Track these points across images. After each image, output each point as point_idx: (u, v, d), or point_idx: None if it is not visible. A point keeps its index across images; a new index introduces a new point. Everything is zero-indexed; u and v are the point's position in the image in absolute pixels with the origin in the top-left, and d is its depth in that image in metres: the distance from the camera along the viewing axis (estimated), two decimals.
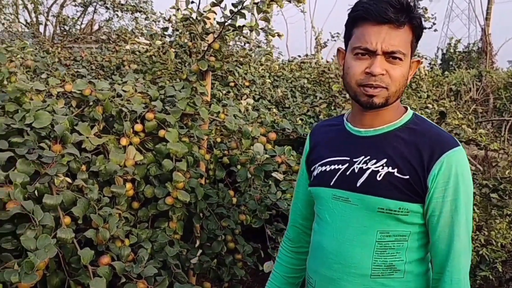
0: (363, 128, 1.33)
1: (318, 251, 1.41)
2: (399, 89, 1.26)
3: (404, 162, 1.25)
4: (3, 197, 1.63)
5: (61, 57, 4.39)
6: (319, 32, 9.19)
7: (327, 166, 1.38)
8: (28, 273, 1.45)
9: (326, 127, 1.49)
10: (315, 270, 1.42)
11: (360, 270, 1.30)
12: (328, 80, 4.66)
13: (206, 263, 2.31)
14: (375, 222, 1.28)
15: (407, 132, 1.30)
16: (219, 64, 2.56)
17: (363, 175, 1.29)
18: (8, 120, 1.94)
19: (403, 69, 1.24)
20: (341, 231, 1.34)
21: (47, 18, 9.77)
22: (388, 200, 1.25)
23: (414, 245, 1.30)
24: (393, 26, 1.21)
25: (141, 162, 2.17)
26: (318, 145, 1.47)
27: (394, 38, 1.21)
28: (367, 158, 1.30)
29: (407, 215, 1.26)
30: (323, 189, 1.38)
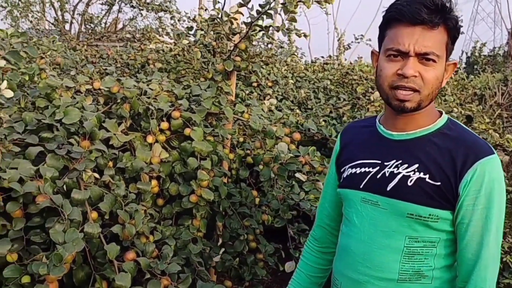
0: (395, 132, 1.31)
1: (345, 254, 1.41)
2: (432, 92, 1.23)
3: (437, 168, 1.23)
4: (33, 190, 1.66)
5: (88, 55, 4.46)
6: (342, 34, 9.16)
7: (357, 168, 1.36)
8: (56, 265, 1.48)
9: (358, 128, 1.47)
10: (342, 272, 1.41)
11: (387, 274, 1.29)
12: (352, 82, 4.63)
13: (228, 261, 2.32)
14: (404, 227, 1.26)
15: (441, 137, 1.27)
16: (245, 64, 2.57)
17: (393, 179, 1.27)
18: (39, 116, 1.98)
19: (437, 72, 1.21)
20: (369, 234, 1.32)
21: (73, 16, 9.93)
22: (418, 206, 1.23)
23: (443, 252, 1.28)
24: (427, 27, 1.18)
25: (166, 160, 2.20)
26: (349, 146, 1.45)
27: (428, 40, 1.19)
28: (399, 163, 1.28)
29: (437, 221, 1.23)
30: (352, 192, 1.37)
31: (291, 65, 4.99)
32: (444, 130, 1.28)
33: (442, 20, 1.19)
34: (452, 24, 1.21)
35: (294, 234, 2.32)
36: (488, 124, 3.61)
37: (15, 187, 1.63)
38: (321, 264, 1.60)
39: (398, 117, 1.29)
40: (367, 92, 4.01)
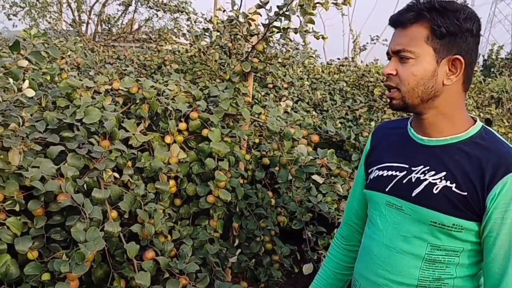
0: (425, 136, 1.29)
1: (366, 255, 1.41)
2: (412, 88, 1.23)
3: (464, 178, 1.20)
4: (55, 189, 1.68)
5: (106, 56, 4.50)
6: (358, 35, 9.12)
7: (384, 170, 1.35)
8: (78, 263, 1.49)
9: (389, 129, 1.45)
10: (361, 273, 1.41)
11: (406, 279, 1.28)
12: (368, 84, 4.61)
13: (244, 262, 2.33)
14: (426, 234, 1.25)
15: (472, 146, 1.23)
16: (262, 65, 2.57)
17: (419, 185, 1.25)
18: (60, 115, 2.01)
19: (414, 68, 1.21)
20: (391, 238, 1.32)
21: (89, 16, 10.01)
22: (442, 214, 1.21)
23: (466, 262, 1.25)
24: (402, 26, 1.23)
25: (184, 160, 2.21)
26: (378, 147, 1.44)
27: (401, 37, 1.23)
28: (426, 169, 1.26)
29: (461, 232, 1.21)
30: (377, 194, 1.36)
31: (308, 67, 4.98)
32: (477, 139, 1.25)
33: (414, 16, 1.21)
34: (432, 17, 1.20)
35: (312, 236, 2.31)
36: (506, 128, 3.57)
37: (37, 186, 1.65)
38: (346, 261, 1.60)
39: (419, 120, 1.29)
40: (384, 94, 3.99)
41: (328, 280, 1.61)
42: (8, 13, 10.71)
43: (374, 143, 1.48)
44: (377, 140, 1.47)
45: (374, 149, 1.46)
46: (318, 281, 1.64)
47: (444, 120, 1.26)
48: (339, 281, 1.62)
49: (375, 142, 1.48)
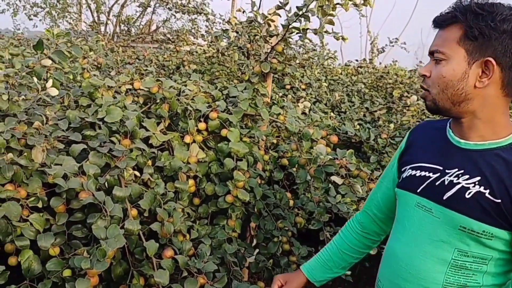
0: (463, 139, 1.26)
1: (390, 257, 1.39)
2: (441, 91, 1.21)
3: (499, 185, 1.16)
4: (77, 187, 1.71)
5: (125, 56, 4.55)
6: (375, 37, 9.07)
7: (417, 170, 1.33)
8: (100, 260, 1.51)
9: (428, 129, 1.43)
10: (385, 275, 1.40)
11: (430, 284, 1.26)
12: (386, 86, 4.59)
13: (261, 262, 2.33)
14: (454, 239, 1.22)
15: (511, 153, 1.19)
16: (281, 66, 2.58)
17: (452, 188, 1.23)
18: (82, 114, 2.04)
19: (444, 69, 1.20)
20: (417, 241, 1.30)
21: (108, 17, 10.12)
22: (472, 220, 1.18)
23: (494, 271, 1.22)
24: (439, 28, 1.24)
25: (203, 160, 2.22)
26: (414, 145, 1.42)
27: (437, 39, 1.23)
28: (460, 172, 1.23)
29: (491, 239, 1.18)
30: (408, 194, 1.34)
31: (327, 68, 4.97)
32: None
33: (449, 18, 1.20)
34: (465, 19, 1.18)
35: (329, 236, 2.30)
36: None
37: (60, 183, 1.68)
38: (356, 245, 1.61)
39: (456, 122, 1.28)
40: (403, 96, 3.96)
41: (332, 257, 1.62)
42: (29, 14, 10.89)
43: (410, 141, 1.46)
44: (414, 139, 1.45)
45: (410, 148, 1.44)
46: (323, 254, 1.65)
47: (483, 125, 1.23)
48: (343, 261, 1.62)
49: (411, 140, 1.45)
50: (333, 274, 1.66)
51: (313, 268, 1.66)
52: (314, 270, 1.66)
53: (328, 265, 1.64)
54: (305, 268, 1.68)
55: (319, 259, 1.66)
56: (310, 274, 1.66)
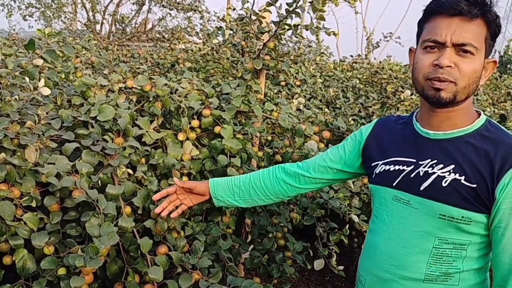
0: (432, 130, 1.29)
1: (372, 251, 1.41)
2: (468, 85, 1.20)
3: (473, 170, 1.20)
4: (70, 185, 1.71)
5: (120, 54, 4.55)
6: (371, 32, 9.09)
7: (391, 165, 1.36)
8: (93, 257, 1.52)
9: (392, 124, 1.46)
10: (367, 269, 1.42)
11: (413, 274, 1.28)
12: (381, 81, 4.60)
13: (256, 258, 2.34)
14: (434, 228, 1.25)
15: (478, 138, 1.24)
16: (274, 63, 2.59)
17: (428, 179, 1.26)
18: (75, 113, 2.04)
19: (474, 65, 1.19)
20: (397, 233, 1.32)
21: (104, 16, 10.11)
22: (451, 207, 1.21)
23: (473, 255, 1.26)
24: (465, 18, 1.17)
25: (196, 157, 2.23)
26: (381, 141, 1.44)
27: (466, 31, 1.17)
28: (434, 162, 1.26)
29: (469, 224, 1.21)
30: (384, 189, 1.37)
31: (320, 64, 4.98)
32: (482, 131, 1.25)
33: (480, 12, 1.17)
34: (491, 18, 1.19)
35: (323, 232, 2.32)
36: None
37: (53, 182, 1.69)
38: (267, 187, 1.68)
39: (433, 114, 1.28)
40: (397, 91, 3.97)
41: (241, 185, 1.70)
42: (24, 14, 10.88)
43: (374, 136, 1.47)
44: (380, 134, 1.46)
45: (375, 142, 1.46)
46: (236, 179, 1.73)
47: (459, 115, 1.26)
48: (248, 194, 1.69)
49: (376, 135, 1.47)
50: (233, 201, 1.72)
51: (219, 185, 1.72)
52: (219, 187, 1.72)
53: (233, 190, 1.70)
54: (213, 181, 1.74)
55: (229, 181, 1.73)
56: (213, 188, 1.72)
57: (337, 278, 3.84)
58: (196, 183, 1.76)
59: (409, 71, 5.15)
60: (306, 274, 3.92)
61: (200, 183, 1.77)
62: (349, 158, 1.54)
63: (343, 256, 3.82)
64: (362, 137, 1.51)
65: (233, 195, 1.71)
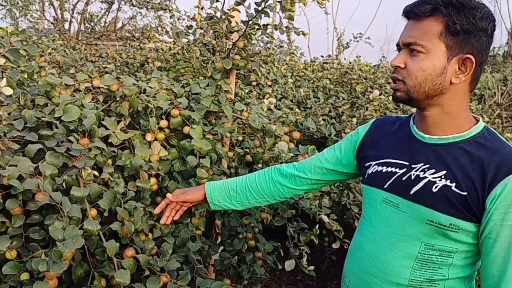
0: (427, 134, 1.28)
1: (357, 252, 1.40)
2: (419, 83, 1.21)
3: (465, 178, 1.18)
4: (33, 188, 1.66)
5: (87, 54, 4.46)
6: (342, 33, 9.17)
7: (384, 166, 1.34)
8: (56, 262, 1.48)
9: (390, 125, 1.44)
10: (351, 270, 1.40)
11: (397, 279, 1.27)
12: (351, 81, 4.64)
13: (226, 259, 2.33)
14: (421, 233, 1.24)
15: (474, 146, 1.21)
16: (244, 62, 2.57)
17: (418, 183, 1.24)
18: (38, 113, 1.98)
19: (423, 63, 1.19)
20: (384, 236, 1.31)
21: (72, 15, 9.92)
22: (439, 213, 1.19)
23: (459, 263, 1.24)
24: (416, 18, 1.20)
25: (165, 158, 2.20)
26: (377, 141, 1.43)
27: (413, 30, 1.20)
28: (426, 167, 1.25)
29: (457, 232, 1.19)
30: (375, 190, 1.35)
31: (290, 64, 4.99)
32: (479, 138, 1.23)
33: (429, 10, 1.17)
34: (445, 13, 1.17)
35: (293, 232, 2.32)
36: (488, 124, 3.61)
37: (15, 184, 1.63)
38: (263, 190, 1.65)
39: (423, 116, 1.28)
40: (366, 91, 4.01)
41: (237, 188, 1.67)
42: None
43: (370, 136, 1.46)
44: (376, 134, 1.45)
45: (371, 143, 1.44)
46: (231, 182, 1.68)
47: (448, 119, 1.24)
48: (245, 198, 1.66)
49: (372, 136, 1.46)
50: (230, 205, 1.69)
51: (216, 189, 1.69)
52: (216, 191, 1.68)
53: (230, 194, 1.67)
54: (209, 185, 1.70)
55: (225, 184, 1.69)
56: (210, 193, 1.68)
57: (309, 277, 3.85)
58: (189, 193, 1.71)
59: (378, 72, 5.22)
60: (278, 274, 3.92)
61: (193, 190, 1.72)
62: (345, 158, 1.53)
63: (314, 255, 3.84)
64: (358, 137, 1.50)
65: (230, 199, 1.67)
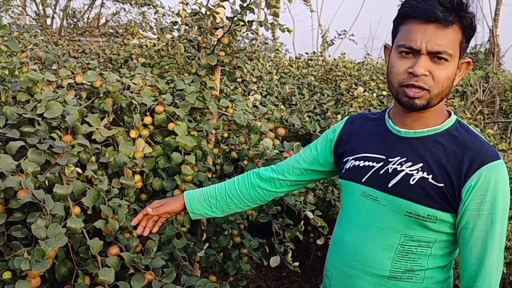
0: (403, 128, 1.30)
1: (338, 246, 1.41)
2: (442, 91, 1.21)
3: (440, 170, 1.21)
4: (15, 185, 1.64)
5: (70, 50, 4.41)
6: (326, 30, 9.19)
7: (361, 161, 1.36)
8: (39, 260, 1.46)
9: (365, 121, 1.45)
10: (333, 264, 1.42)
11: (378, 270, 1.29)
12: (335, 78, 4.66)
13: (212, 256, 2.32)
14: (400, 225, 1.26)
15: (447, 138, 1.25)
16: (229, 59, 2.56)
17: (396, 176, 1.26)
18: (20, 110, 1.95)
19: (448, 71, 1.19)
20: (364, 229, 1.33)
21: (54, 11, 9.78)
22: (417, 205, 1.22)
23: (438, 253, 1.28)
24: (441, 25, 1.16)
25: (150, 155, 2.18)
26: (353, 136, 1.44)
27: (441, 38, 1.16)
28: (403, 160, 1.27)
29: (435, 222, 1.23)
30: (353, 184, 1.37)
31: (275, 61, 4.99)
32: (452, 131, 1.26)
33: (456, 18, 1.17)
34: (467, 23, 1.18)
35: (278, 229, 2.32)
36: (469, 120, 3.66)
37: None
38: (244, 195, 1.63)
39: (406, 114, 1.29)
40: (350, 88, 4.04)
41: (217, 196, 1.65)
42: None
43: (346, 132, 1.47)
44: (352, 130, 1.46)
45: (347, 139, 1.45)
46: (210, 190, 1.66)
47: (432, 114, 1.27)
48: (225, 204, 1.64)
49: (348, 132, 1.47)
50: (210, 212, 1.66)
51: (195, 198, 1.66)
52: (195, 200, 1.65)
53: (210, 201, 1.64)
54: (188, 195, 1.67)
55: (204, 192, 1.66)
56: (189, 202, 1.65)
57: (294, 273, 3.86)
58: (169, 205, 1.67)
59: (362, 69, 5.24)
60: (263, 270, 3.93)
61: (172, 201, 1.68)
62: (321, 157, 1.53)
63: (299, 251, 3.86)
64: (334, 134, 1.51)
65: (210, 206, 1.65)
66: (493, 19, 12.61)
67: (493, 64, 11.43)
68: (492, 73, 8.06)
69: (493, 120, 6.84)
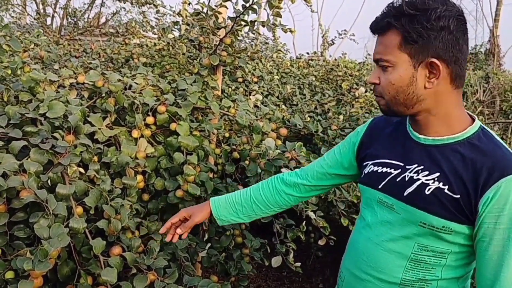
0: (422, 135, 1.27)
1: (352, 249, 1.41)
2: (393, 96, 1.22)
3: (457, 180, 1.17)
4: (17, 185, 1.64)
5: (71, 49, 4.40)
6: (326, 30, 9.19)
7: (379, 167, 1.34)
8: (41, 260, 1.46)
9: (388, 124, 1.43)
10: (347, 266, 1.42)
11: (389, 277, 1.28)
12: (336, 78, 4.65)
13: (214, 256, 2.32)
14: (414, 234, 1.24)
15: (468, 147, 1.20)
16: (231, 59, 2.56)
17: (412, 185, 1.24)
18: (22, 110, 1.95)
19: (391, 76, 1.20)
20: (378, 235, 1.32)
21: (55, 10, 9.77)
22: (432, 216, 1.19)
23: (453, 264, 1.25)
24: (379, 34, 1.22)
25: (152, 155, 2.18)
26: (375, 141, 1.43)
27: (378, 46, 1.22)
28: (420, 168, 1.24)
29: (450, 234, 1.19)
30: (370, 190, 1.36)
31: (277, 61, 4.99)
32: (474, 140, 1.21)
33: (387, 23, 1.18)
34: (401, 24, 1.16)
35: (280, 229, 2.32)
36: None
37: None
38: (269, 200, 1.63)
39: (414, 120, 1.29)
40: (352, 88, 4.04)
41: (243, 202, 1.65)
42: None
43: (368, 135, 1.46)
44: (374, 134, 1.45)
45: (369, 142, 1.44)
46: (236, 196, 1.66)
47: (438, 120, 1.24)
48: (251, 210, 1.64)
49: (370, 135, 1.46)
50: (237, 218, 1.66)
51: (221, 205, 1.66)
52: (221, 207, 1.66)
53: (236, 208, 1.65)
54: (214, 202, 1.67)
55: (229, 199, 1.66)
56: (216, 209, 1.65)
57: (295, 273, 3.86)
58: (196, 216, 1.64)
59: (363, 69, 5.25)
60: (264, 271, 3.93)
61: (198, 211, 1.66)
62: (345, 161, 1.52)
63: (300, 251, 3.86)
64: (357, 137, 1.50)
65: (237, 213, 1.64)
66: (493, 19, 12.61)
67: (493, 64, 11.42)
68: (492, 73, 8.05)
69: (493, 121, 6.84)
